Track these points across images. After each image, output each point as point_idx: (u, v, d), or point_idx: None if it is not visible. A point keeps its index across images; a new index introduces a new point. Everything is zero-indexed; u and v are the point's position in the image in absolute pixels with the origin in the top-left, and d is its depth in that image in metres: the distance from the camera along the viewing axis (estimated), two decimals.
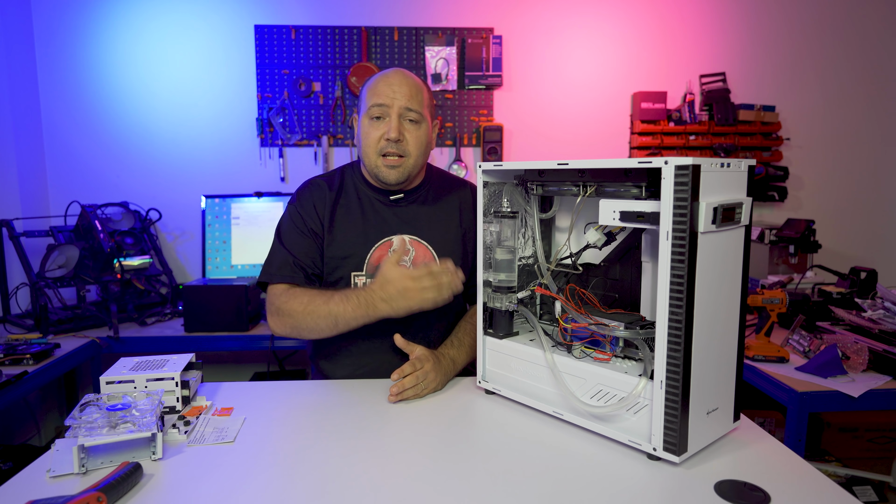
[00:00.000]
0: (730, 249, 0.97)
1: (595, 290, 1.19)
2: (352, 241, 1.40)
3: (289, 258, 1.37)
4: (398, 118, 1.34)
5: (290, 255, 1.37)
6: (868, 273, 2.10)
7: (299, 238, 1.39)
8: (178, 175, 2.75)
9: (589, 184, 1.08)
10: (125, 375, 1.13)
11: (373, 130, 1.35)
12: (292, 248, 1.38)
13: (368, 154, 1.37)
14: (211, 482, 0.91)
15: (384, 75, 1.38)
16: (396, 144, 1.34)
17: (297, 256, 1.37)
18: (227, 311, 2.19)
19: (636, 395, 0.96)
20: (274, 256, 1.40)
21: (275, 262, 1.39)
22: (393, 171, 1.36)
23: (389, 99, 1.33)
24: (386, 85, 1.35)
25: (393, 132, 1.32)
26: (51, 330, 2.13)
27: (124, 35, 2.67)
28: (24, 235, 2.33)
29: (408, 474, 0.93)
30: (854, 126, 2.92)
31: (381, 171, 1.36)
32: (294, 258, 1.37)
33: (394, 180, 1.37)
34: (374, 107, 1.34)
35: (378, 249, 1.40)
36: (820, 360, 1.61)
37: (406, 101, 1.34)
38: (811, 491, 0.87)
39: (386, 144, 1.34)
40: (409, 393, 1.22)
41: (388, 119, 1.34)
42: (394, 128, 1.33)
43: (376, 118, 1.35)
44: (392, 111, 1.33)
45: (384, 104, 1.34)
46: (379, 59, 2.75)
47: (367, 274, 1.39)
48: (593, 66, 2.82)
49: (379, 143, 1.34)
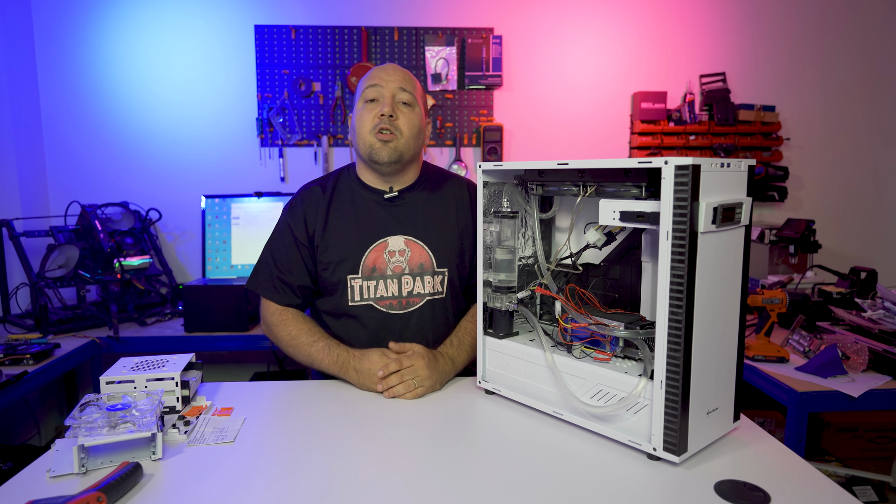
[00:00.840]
0: (730, 249, 0.97)
1: (595, 290, 1.19)
2: (346, 245, 1.39)
3: (274, 273, 1.42)
4: (392, 97, 1.36)
5: (277, 271, 1.42)
6: (868, 273, 2.10)
7: (287, 251, 1.42)
8: (178, 175, 2.75)
9: (589, 184, 1.08)
10: (125, 375, 1.13)
11: (367, 113, 1.37)
12: (279, 263, 1.42)
13: (363, 136, 1.37)
14: (211, 482, 0.91)
15: (378, 68, 1.42)
16: (389, 121, 1.35)
17: (283, 272, 1.41)
18: (227, 311, 2.19)
19: (636, 395, 0.96)
20: (262, 267, 1.45)
21: (262, 273, 1.44)
22: (385, 146, 1.35)
23: (383, 81, 1.37)
24: (381, 70, 1.39)
25: (386, 107, 1.34)
26: (51, 330, 2.13)
27: (124, 35, 2.67)
28: (24, 235, 2.33)
29: (408, 474, 0.93)
30: (854, 126, 2.92)
31: (374, 148, 1.35)
32: (280, 274, 1.41)
33: (386, 157, 1.36)
34: (369, 88, 1.37)
35: (373, 251, 1.39)
36: (820, 360, 1.61)
37: (400, 83, 1.37)
38: (811, 491, 0.87)
39: (380, 122, 1.35)
40: (399, 389, 1.23)
41: (381, 100, 1.36)
42: (387, 103, 1.35)
43: (370, 101, 1.37)
44: (385, 91, 1.36)
45: (378, 85, 1.36)
46: (379, 59, 2.75)
47: (363, 276, 1.38)
48: (593, 66, 2.82)
49: (373, 121, 1.35)
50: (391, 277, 1.39)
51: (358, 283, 1.39)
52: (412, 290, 1.40)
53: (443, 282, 1.41)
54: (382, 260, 1.39)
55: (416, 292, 1.40)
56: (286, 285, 1.41)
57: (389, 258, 1.39)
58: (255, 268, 1.46)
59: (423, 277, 1.40)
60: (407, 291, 1.39)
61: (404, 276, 1.39)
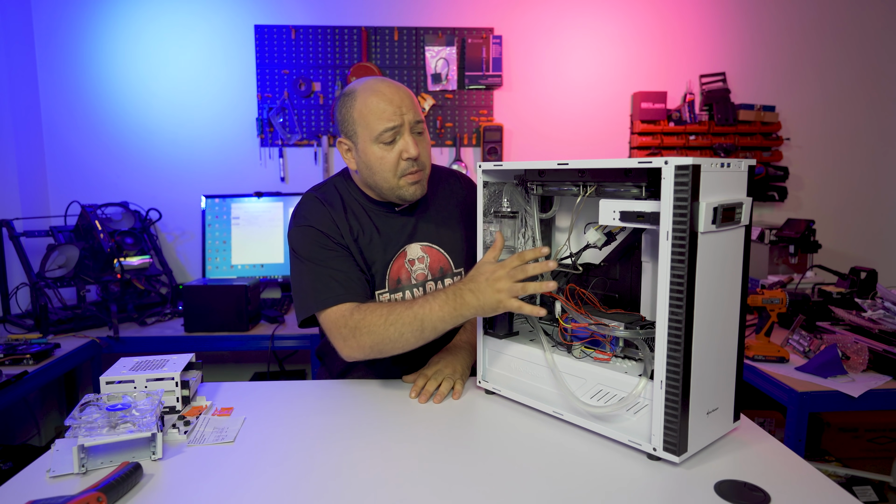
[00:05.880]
0: (730, 249, 0.97)
1: (595, 290, 1.19)
2: (369, 261, 1.35)
3: (336, 276, 1.26)
4: (410, 135, 1.28)
5: (337, 272, 1.26)
6: (868, 273, 2.10)
7: (334, 256, 1.29)
8: (178, 175, 2.75)
9: (589, 184, 1.08)
10: (125, 375, 1.13)
11: (388, 154, 1.28)
12: (334, 266, 1.27)
13: (387, 179, 1.29)
14: (211, 482, 0.91)
15: (378, 94, 1.27)
16: (416, 161, 1.29)
17: (345, 271, 1.27)
18: (227, 311, 2.19)
19: (636, 395, 0.96)
20: (316, 282, 1.26)
21: (320, 288, 1.25)
22: (415, 186, 1.31)
23: (399, 117, 1.26)
24: (388, 103, 1.26)
25: (413, 150, 1.27)
26: (51, 330, 2.13)
27: (124, 35, 2.67)
28: (24, 235, 2.33)
29: (408, 474, 0.93)
30: (854, 126, 2.92)
31: (403, 190, 1.30)
32: (343, 273, 1.26)
33: (419, 195, 1.33)
34: (386, 132, 1.26)
35: (395, 263, 1.37)
36: (820, 360, 1.61)
37: (413, 116, 1.28)
38: (811, 491, 0.87)
39: (407, 165, 1.28)
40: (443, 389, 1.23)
41: (401, 140, 1.28)
42: (412, 145, 1.27)
43: (389, 143, 1.28)
44: (404, 129, 1.27)
45: (395, 126, 1.26)
46: (379, 59, 2.75)
47: (390, 290, 1.35)
48: (593, 66, 2.82)
49: (398, 165, 1.28)
50: (416, 286, 1.38)
51: (385, 298, 1.35)
52: None
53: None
54: (405, 270, 1.38)
55: None
56: (355, 283, 1.27)
57: (411, 267, 1.38)
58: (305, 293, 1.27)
59: (444, 280, 1.41)
60: None
61: (428, 283, 1.39)
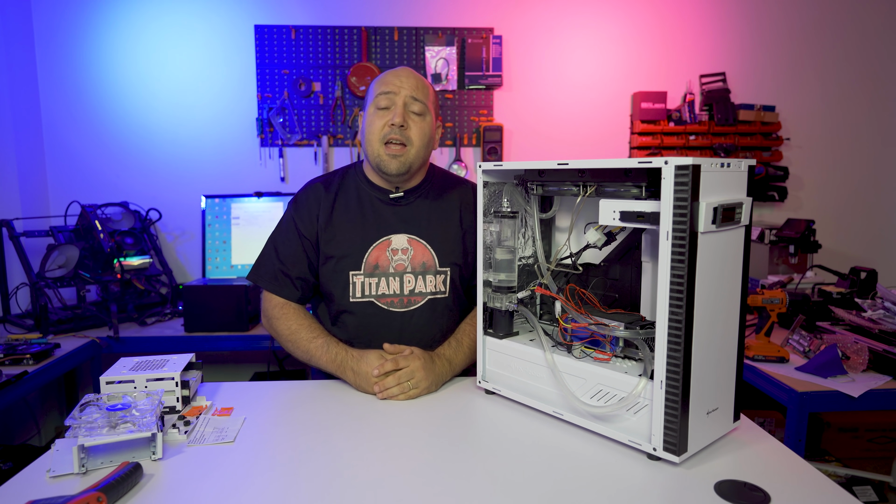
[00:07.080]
0: (730, 249, 0.97)
1: (595, 290, 1.19)
2: (349, 241, 1.40)
3: (276, 266, 1.42)
4: (403, 106, 1.35)
5: (279, 263, 1.42)
6: (868, 273, 2.10)
7: (291, 244, 1.42)
8: (178, 175, 2.75)
9: (589, 184, 1.08)
10: (125, 375, 1.13)
11: (377, 119, 1.36)
12: (282, 256, 1.42)
13: (372, 143, 1.36)
14: (211, 482, 0.91)
15: (393, 69, 1.41)
16: (400, 130, 1.34)
17: (286, 265, 1.41)
18: (227, 311, 2.19)
19: (636, 395, 0.96)
20: (264, 259, 1.45)
21: (264, 266, 1.44)
22: (394, 160, 1.35)
23: (396, 87, 1.35)
24: (394, 76, 1.38)
25: (397, 117, 1.33)
26: (51, 330, 2.13)
27: (124, 35, 2.67)
28: (24, 235, 2.32)
29: (408, 474, 0.93)
30: (854, 126, 2.92)
31: (382, 160, 1.36)
32: (282, 266, 1.41)
33: (395, 170, 1.36)
34: (381, 95, 1.35)
35: (376, 248, 1.39)
36: (820, 360, 1.61)
37: (412, 91, 1.36)
38: (811, 491, 0.87)
39: (389, 130, 1.34)
40: (394, 391, 1.23)
41: (393, 108, 1.35)
42: (398, 113, 1.34)
43: (383, 108, 1.36)
44: (398, 99, 1.35)
45: (391, 91, 1.35)
46: (379, 59, 2.75)
47: (366, 273, 1.39)
48: (593, 66, 2.82)
49: (382, 129, 1.34)
50: (393, 275, 1.39)
51: (360, 280, 1.39)
52: (414, 289, 1.40)
53: (445, 281, 1.41)
54: (385, 257, 1.39)
55: (418, 291, 1.40)
56: (287, 277, 1.41)
57: (392, 256, 1.39)
58: (257, 260, 1.46)
59: (425, 276, 1.40)
60: (409, 290, 1.39)
61: (406, 275, 1.40)
